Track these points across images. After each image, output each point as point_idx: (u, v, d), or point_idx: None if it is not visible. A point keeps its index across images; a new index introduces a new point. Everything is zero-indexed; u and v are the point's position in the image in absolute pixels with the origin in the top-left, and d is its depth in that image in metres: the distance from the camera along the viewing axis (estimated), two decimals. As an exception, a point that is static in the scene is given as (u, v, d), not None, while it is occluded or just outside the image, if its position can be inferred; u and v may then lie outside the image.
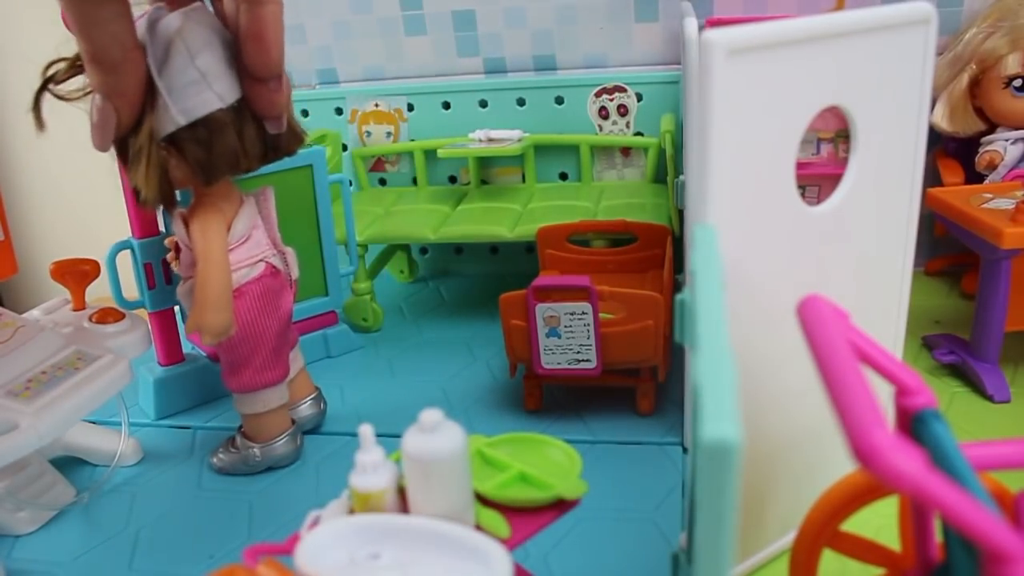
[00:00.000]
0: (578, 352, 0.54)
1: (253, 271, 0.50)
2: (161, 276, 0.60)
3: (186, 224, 0.49)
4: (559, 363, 0.54)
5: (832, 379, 0.27)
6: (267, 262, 0.51)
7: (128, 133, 0.44)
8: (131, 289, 0.60)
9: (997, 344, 0.55)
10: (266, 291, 0.51)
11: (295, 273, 0.54)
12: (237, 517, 0.50)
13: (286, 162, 0.63)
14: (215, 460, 0.54)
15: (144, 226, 0.59)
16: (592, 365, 0.54)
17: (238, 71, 0.45)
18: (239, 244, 0.50)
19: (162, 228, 0.60)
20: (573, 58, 0.80)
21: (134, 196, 0.47)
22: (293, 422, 0.55)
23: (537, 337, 0.54)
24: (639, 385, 0.56)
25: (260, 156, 0.47)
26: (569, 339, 0.53)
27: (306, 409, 0.57)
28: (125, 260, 0.59)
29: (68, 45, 0.54)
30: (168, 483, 0.54)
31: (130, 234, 0.59)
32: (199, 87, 0.43)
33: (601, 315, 0.53)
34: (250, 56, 0.44)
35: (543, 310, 0.53)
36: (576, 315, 0.52)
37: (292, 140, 0.49)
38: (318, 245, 0.66)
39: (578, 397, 0.59)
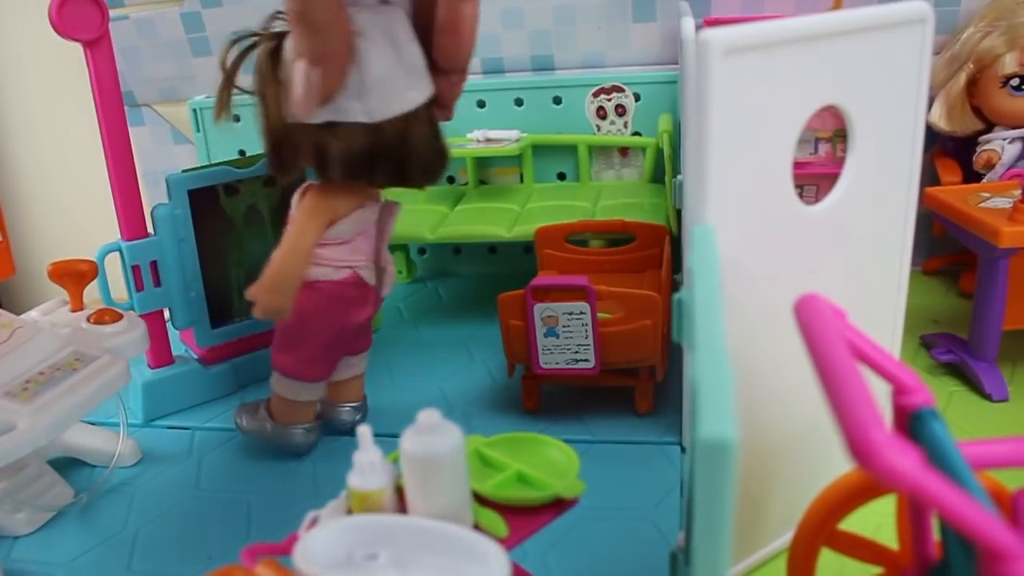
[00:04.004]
0: (576, 352, 0.54)
1: (336, 274, 0.49)
2: (149, 278, 0.60)
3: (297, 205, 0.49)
4: (557, 363, 0.54)
5: (829, 378, 0.27)
6: (355, 271, 0.49)
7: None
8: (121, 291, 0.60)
9: (995, 343, 0.55)
10: (338, 297, 0.49)
11: (386, 291, 0.52)
12: (235, 517, 0.50)
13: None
14: (239, 419, 0.55)
15: (132, 228, 0.59)
16: (590, 365, 0.54)
17: (415, 80, 0.44)
18: (336, 243, 0.48)
19: (150, 230, 0.60)
20: (571, 58, 0.80)
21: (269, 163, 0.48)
22: (317, 418, 0.55)
23: (535, 337, 0.54)
24: (637, 385, 0.56)
25: (388, 180, 0.46)
26: (567, 339, 0.53)
27: (345, 414, 0.57)
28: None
29: (65, 49, 0.54)
30: (166, 484, 0.54)
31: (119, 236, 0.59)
32: (355, 92, 0.43)
33: (599, 315, 0.53)
34: (443, 49, 0.44)
35: (541, 310, 0.53)
36: (574, 315, 0.53)
37: (430, 171, 0.47)
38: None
39: (576, 397, 0.59)
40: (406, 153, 0.45)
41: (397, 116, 0.44)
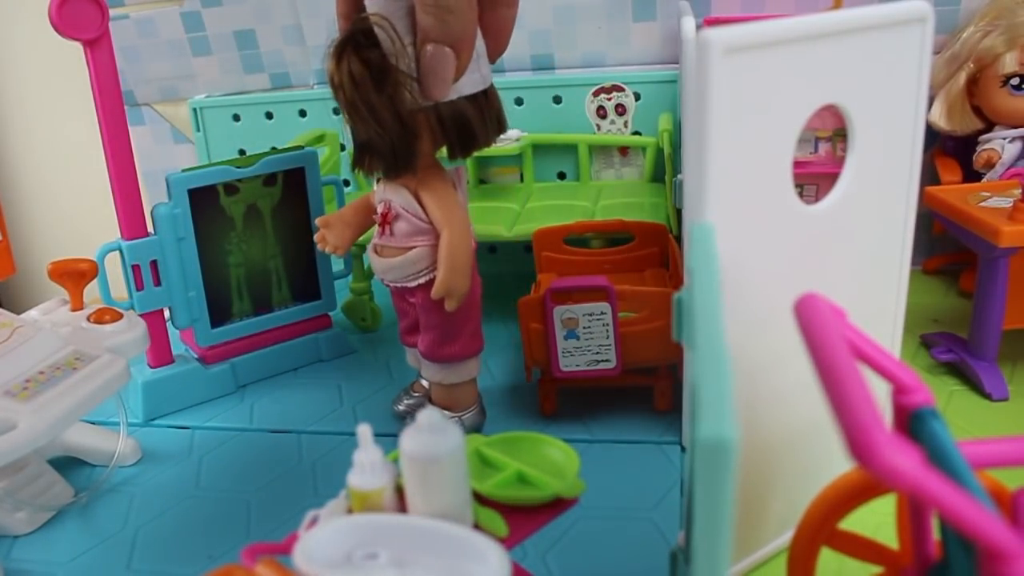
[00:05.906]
0: (597, 353, 0.53)
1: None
2: (149, 278, 0.60)
3: (415, 195, 0.49)
4: (578, 365, 0.54)
5: (829, 377, 0.27)
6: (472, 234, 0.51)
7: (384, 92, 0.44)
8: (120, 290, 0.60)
9: (995, 342, 0.55)
10: (474, 262, 0.51)
11: None
12: (235, 517, 0.50)
13: (278, 164, 0.63)
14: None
15: (132, 228, 0.59)
16: (611, 365, 0.53)
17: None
18: None
19: (150, 229, 0.59)
20: (571, 57, 0.80)
21: (358, 158, 0.48)
22: (479, 396, 0.56)
23: (555, 340, 0.53)
24: (656, 384, 0.56)
25: (496, 132, 0.49)
26: (588, 340, 0.53)
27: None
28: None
29: (65, 48, 0.54)
30: (166, 483, 0.54)
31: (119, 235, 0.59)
32: (475, 66, 0.46)
33: (621, 314, 0.52)
34: (486, 48, 0.47)
35: (561, 312, 0.52)
36: (595, 316, 0.52)
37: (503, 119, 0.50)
38: (311, 248, 0.66)
39: (577, 397, 0.59)
40: (500, 106, 0.49)
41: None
